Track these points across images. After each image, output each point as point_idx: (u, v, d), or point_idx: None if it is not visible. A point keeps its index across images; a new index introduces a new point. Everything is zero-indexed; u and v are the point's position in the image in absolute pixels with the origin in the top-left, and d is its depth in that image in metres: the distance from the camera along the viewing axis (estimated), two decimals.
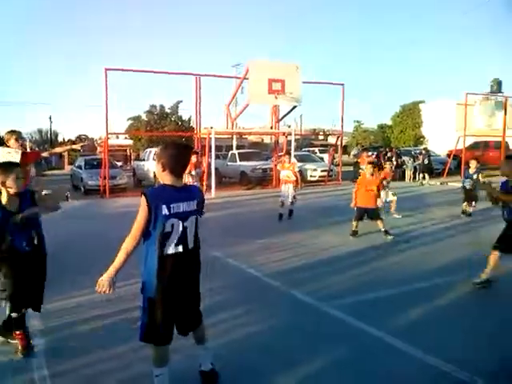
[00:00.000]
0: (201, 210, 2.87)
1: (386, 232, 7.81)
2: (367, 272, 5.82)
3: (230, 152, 21.32)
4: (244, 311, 4.53)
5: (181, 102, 33.43)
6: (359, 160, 15.46)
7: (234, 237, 8.02)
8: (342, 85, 19.32)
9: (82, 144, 15.95)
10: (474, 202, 10.67)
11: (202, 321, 3.03)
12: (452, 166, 23.25)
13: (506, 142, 24.73)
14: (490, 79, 40.45)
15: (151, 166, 18.59)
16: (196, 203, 2.79)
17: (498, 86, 40.86)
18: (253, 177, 19.00)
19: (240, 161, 20.20)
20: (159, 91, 62.01)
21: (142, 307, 2.78)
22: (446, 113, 41.07)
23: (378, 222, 7.94)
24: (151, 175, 18.38)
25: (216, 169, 16.83)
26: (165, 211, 2.63)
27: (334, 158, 24.67)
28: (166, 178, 2.73)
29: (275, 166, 15.92)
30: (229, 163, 20.33)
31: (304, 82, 16.49)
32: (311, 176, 20.34)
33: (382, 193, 9.27)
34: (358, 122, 42.75)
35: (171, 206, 2.65)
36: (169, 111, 33.52)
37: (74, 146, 11.64)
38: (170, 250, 2.69)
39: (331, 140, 45.86)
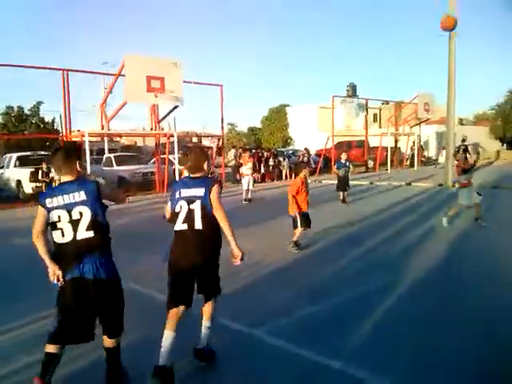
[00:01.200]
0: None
1: (296, 243, 6.98)
2: (287, 285, 5.38)
3: (105, 156, 19.73)
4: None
5: (42, 103, 30.16)
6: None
7: (130, 254, 6.54)
8: (221, 86, 19.16)
9: None
10: (347, 188, 12.24)
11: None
12: (321, 164, 24.66)
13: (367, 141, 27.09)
14: (347, 84, 44.65)
15: (13, 173, 16.25)
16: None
17: (353, 90, 45.23)
18: (133, 182, 17.78)
19: (117, 165, 18.77)
20: (17, 91, 54.79)
21: None
22: (309, 115, 43.93)
23: (301, 229, 6.99)
24: (13, 184, 16.04)
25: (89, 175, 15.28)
26: None
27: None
28: None
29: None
30: (104, 168, 18.73)
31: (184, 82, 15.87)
32: None
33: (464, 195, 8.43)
34: (231, 124, 43.35)
35: None
36: (29, 113, 29.95)
37: None
38: None
39: (205, 142, 45.78)
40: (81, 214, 2.79)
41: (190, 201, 3.17)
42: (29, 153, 17.44)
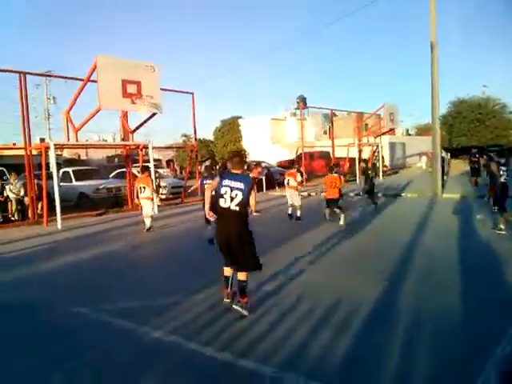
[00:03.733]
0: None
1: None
2: None
3: (62, 170, 17.54)
4: None
5: None
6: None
7: (127, 296, 5.42)
8: (192, 93, 17.85)
9: None
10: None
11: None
12: None
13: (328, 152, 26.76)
14: (296, 96, 44.61)
15: None
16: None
17: (303, 101, 45.30)
18: (96, 198, 15.89)
19: (76, 180, 16.79)
20: None
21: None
22: (261, 128, 43.42)
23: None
24: None
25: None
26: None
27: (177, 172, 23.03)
28: None
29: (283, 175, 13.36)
30: (62, 184, 16.57)
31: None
32: (161, 194, 18.25)
33: None
34: (185, 136, 41.57)
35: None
36: None
37: None
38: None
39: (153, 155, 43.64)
40: (236, 195, 4.38)
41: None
42: None
